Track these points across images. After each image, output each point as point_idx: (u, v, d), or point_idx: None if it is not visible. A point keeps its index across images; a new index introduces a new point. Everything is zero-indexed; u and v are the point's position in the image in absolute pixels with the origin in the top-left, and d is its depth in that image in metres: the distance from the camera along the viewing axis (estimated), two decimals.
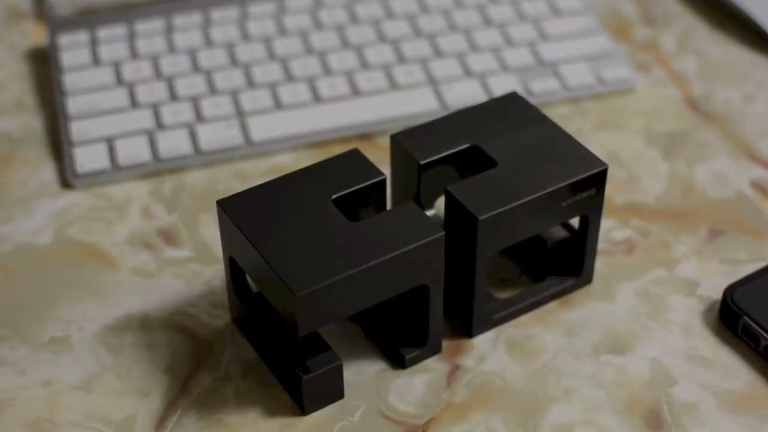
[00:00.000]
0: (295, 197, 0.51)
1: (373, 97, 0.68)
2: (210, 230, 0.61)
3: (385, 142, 0.66)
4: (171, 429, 0.51)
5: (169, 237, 0.60)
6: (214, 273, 0.58)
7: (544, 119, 0.56)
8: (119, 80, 0.69)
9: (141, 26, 0.73)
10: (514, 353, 0.54)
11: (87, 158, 0.64)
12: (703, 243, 0.60)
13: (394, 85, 0.69)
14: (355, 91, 0.68)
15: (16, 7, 0.77)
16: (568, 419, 0.51)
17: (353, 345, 0.55)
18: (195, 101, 0.67)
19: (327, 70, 0.69)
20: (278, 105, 0.67)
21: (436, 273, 0.51)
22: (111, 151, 0.64)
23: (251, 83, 0.69)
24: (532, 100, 0.68)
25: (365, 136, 0.67)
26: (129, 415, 0.52)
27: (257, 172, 0.64)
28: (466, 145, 0.55)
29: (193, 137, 0.65)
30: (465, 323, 0.55)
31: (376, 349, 0.55)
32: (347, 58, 0.70)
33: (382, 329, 0.54)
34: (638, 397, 0.52)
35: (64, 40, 0.72)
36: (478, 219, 0.50)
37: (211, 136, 0.65)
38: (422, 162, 0.54)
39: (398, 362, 0.54)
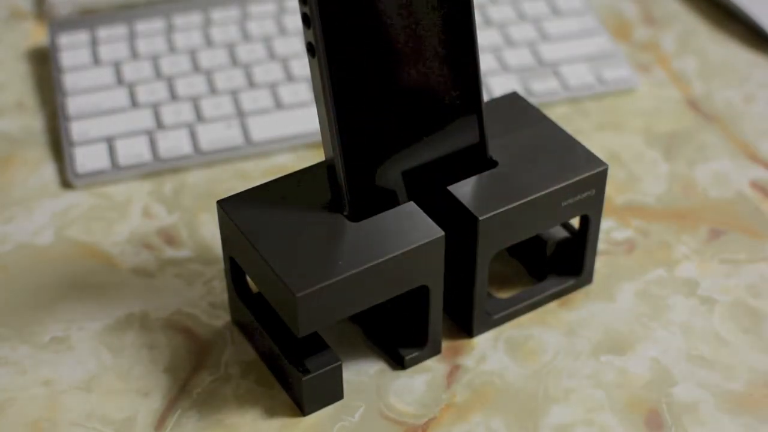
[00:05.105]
0: (296, 197, 0.51)
1: None
2: (210, 230, 0.61)
3: None
4: (171, 429, 0.51)
5: (169, 237, 0.60)
6: (214, 273, 0.58)
7: (545, 119, 0.56)
8: (119, 80, 0.69)
9: (141, 26, 0.73)
10: (514, 353, 0.54)
11: (87, 158, 0.64)
12: (703, 243, 0.60)
13: None
14: None
15: (17, 7, 0.77)
16: (568, 419, 0.51)
17: (353, 345, 0.55)
18: (195, 101, 0.67)
19: None
20: (279, 105, 0.67)
21: (436, 273, 0.51)
22: (111, 151, 0.64)
23: (252, 83, 0.69)
24: (533, 100, 0.68)
25: None
26: (129, 415, 0.52)
27: (257, 172, 0.64)
28: None
29: (194, 137, 0.65)
30: (465, 323, 0.55)
31: (376, 349, 0.55)
32: None
33: (382, 329, 0.54)
34: (638, 398, 0.52)
35: (65, 40, 0.72)
36: (479, 219, 0.50)
37: (211, 136, 0.65)
38: None
39: (398, 362, 0.54)
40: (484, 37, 0.72)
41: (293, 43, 0.72)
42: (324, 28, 0.47)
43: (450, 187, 0.52)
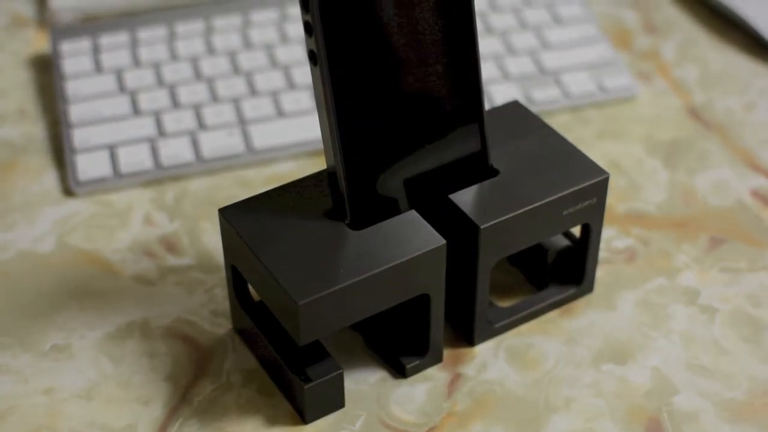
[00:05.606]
0: (297, 206, 0.51)
1: None
2: (212, 238, 0.61)
3: None
4: None
5: (170, 245, 0.60)
6: (216, 281, 0.58)
7: (546, 128, 0.56)
8: (121, 88, 0.69)
9: (143, 34, 0.73)
10: (515, 362, 0.54)
11: (89, 166, 0.64)
12: (703, 252, 0.60)
13: None
14: None
15: (19, 14, 0.77)
16: (568, 428, 0.51)
17: (354, 354, 0.55)
18: (197, 109, 0.68)
19: None
20: (280, 113, 0.67)
21: (437, 282, 0.51)
22: (113, 158, 0.65)
23: (253, 91, 0.69)
24: (534, 109, 0.69)
25: None
26: (130, 424, 0.52)
27: (259, 180, 0.64)
28: None
29: (195, 145, 0.65)
30: (466, 332, 0.55)
31: (377, 357, 0.55)
32: None
33: (383, 338, 0.55)
34: (639, 406, 0.52)
35: (67, 47, 0.72)
36: (480, 227, 0.50)
37: (213, 143, 0.65)
38: None
39: (399, 371, 0.54)
40: (486, 45, 0.72)
41: (295, 51, 0.72)
42: (326, 36, 0.47)
43: (451, 196, 0.52)
